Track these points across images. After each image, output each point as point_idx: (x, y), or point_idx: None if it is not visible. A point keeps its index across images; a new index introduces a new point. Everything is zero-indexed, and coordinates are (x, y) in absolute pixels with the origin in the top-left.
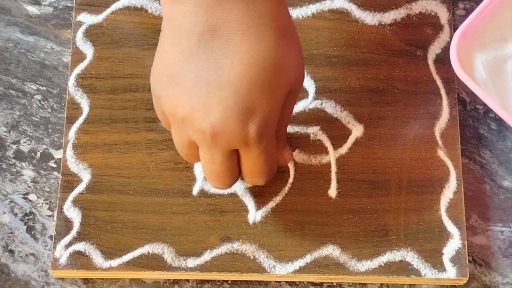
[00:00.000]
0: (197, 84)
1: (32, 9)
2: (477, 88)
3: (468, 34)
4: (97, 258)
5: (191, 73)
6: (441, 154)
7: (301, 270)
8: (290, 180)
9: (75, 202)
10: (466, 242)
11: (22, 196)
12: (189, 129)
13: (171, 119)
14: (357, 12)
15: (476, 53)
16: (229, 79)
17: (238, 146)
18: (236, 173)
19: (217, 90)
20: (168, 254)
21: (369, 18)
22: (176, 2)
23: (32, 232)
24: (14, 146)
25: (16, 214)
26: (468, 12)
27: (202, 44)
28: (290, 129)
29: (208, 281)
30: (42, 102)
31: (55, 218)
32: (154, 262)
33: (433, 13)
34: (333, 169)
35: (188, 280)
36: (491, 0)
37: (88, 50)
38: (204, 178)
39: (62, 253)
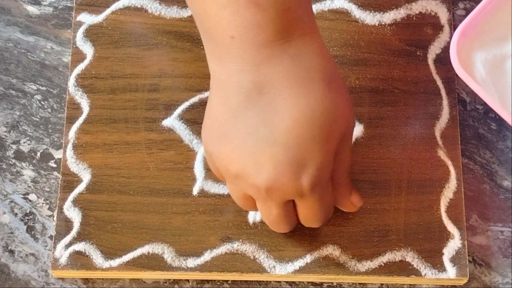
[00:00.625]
0: (248, 141)
1: (32, 9)
2: (477, 86)
3: (468, 33)
4: (97, 258)
5: (240, 130)
6: (441, 154)
7: (301, 270)
8: None
9: (75, 202)
10: (466, 242)
11: (22, 196)
12: (243, 185)
13: (225, 174)
14: (357, 12)
15: (476, 51)
16: (279, 135)
17: (293, 197)
18: (294, 218)
19: (268, 146)
20: (168, 254)
21: (369, 18)
22: (223, 61)
23: (32, 232)
24: (14, 146)
25: (16, 214)
26: (468, 12)
27: (250, 102)
28: None
29: (208, 281)
30: (42, 102)
31: (55, 218)
32: (154, 262)
33: (433, 13)
34: None
35: (188, 280)
36: None
37: (88, 50)
38: (204, 178)
39: (62, 253)
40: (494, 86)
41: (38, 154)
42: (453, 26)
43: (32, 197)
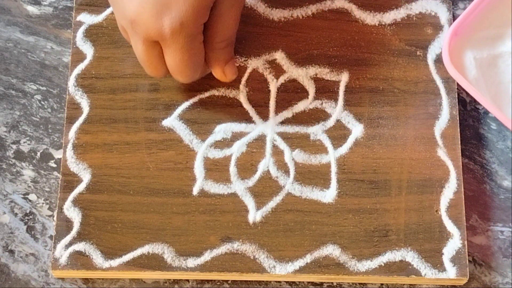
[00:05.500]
0: None
1: (32, 9)
2: (468, 85)
3: (460, 32)
4: (97, 258)
5: None
6: (441, 154)
7: (301, 270)
8: (290, 180)
9: (75, 202)
10: (466, 242)
11: (22, 196)
12: (118, 14)
13: (109, 1)
14: (357, 12)
15: (469, 51)
16: None
17: (156, 38)
18: (162, 66)
19: None
20: (168, 254)
21: (369, 18)
22: None
23: (32, 232)
24: (14, 146)
25: (16, 214)
26: None
27: None
28: (290, 129)
29: (208, 281)
30: (42, 102)
31: (55, 218)
32: (154, 262)
33: (433, 13)
34: (333, 169)
35: (188, 280)
36: None
37: (88, 50)
38: (204, 178)
39: (62, 253)
40: (486, 85)
41: (38, 154)
42: None
43: (32, 197)
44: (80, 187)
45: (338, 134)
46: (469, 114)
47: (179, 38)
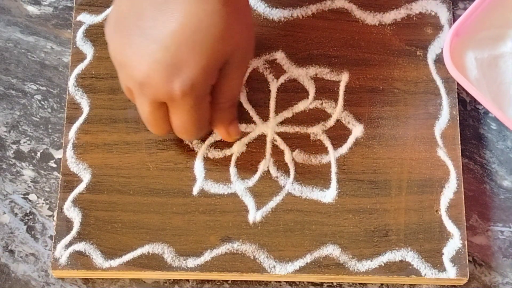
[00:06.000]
0: (135, 33)
1: (32, 9)
2: (470, 86)
3: (461, 33)
4: (97, 258)
5: (132, 21)
6: (441, 154)
7: (301, 270)
8: (290, 180)
9: (75, 202)
10: (466, 242)
11: (22, 196)
12: (125, 75)
13: (114, 63)
14: (357, 12)
15: (470, 51)
16: (163, 35)
17: (165, 99)
18: (167, 125)
19: (150, 43)
20: (168, 254)
21: (369, 18)
22: None
23: (32, 232)
24: (14, 146)
25: (16, 214)
26: None
27: (154, 2)
28: (290, 129)
29: (208, 281)
30: (42, 102)
31: (55, 218)
32: (154, 262)
33: (433, 13)
34: (333, 169)
35: (188, 280)
36: None
37: (88, 50)
38: (204, 178)
39: (62, 253)
40: (487, 85)
41: (38, 154)
42: None
43: (32, 197)
44: (80, 187)
45: (338, 134)
46: (469, 114)
47: (189, 100)
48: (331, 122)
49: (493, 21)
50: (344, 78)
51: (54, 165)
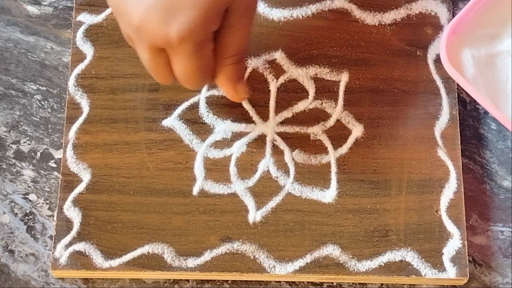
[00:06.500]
0: None
1: (32, 9)
2: (466, 84)
3: (458, 31)
4: (97, 258)
5: None
6: (441, 154)
7: (301, 270)
8: (290, 180)
9: (75, 202)
10: (466, 242)
11: (22, 196)
12: (122, 22)
13: (112, 11)
14: (357, 12)
15: (466, 49)
16: None
17: (163, 45)
18: (169, 74)
19: None
20: (168, 254)
21: (369, 18)
22: None
23: (32, 232)
24: (14, 146)
25: (16, 214)
26: None
27: None
28: (290, 129)
29: (208, 281)
30: (42, 102)
31: (55, 218)
32: (154, 262)
33: (433, 13)
34: (333, 169)
35: (188, 280)
36: None
37: (88, 50)
38: (204, 178)
39: (62, 253)
40: (484, 83)
41: (38, 154)
42: None
43: (32, 197)
44: (80, 187)
45: (338, 134)
46: (469, 114)
47: (187, 46)
48: (331, 122)
49: (490, 19)
50: (344, 78)
51: (54, 165)
